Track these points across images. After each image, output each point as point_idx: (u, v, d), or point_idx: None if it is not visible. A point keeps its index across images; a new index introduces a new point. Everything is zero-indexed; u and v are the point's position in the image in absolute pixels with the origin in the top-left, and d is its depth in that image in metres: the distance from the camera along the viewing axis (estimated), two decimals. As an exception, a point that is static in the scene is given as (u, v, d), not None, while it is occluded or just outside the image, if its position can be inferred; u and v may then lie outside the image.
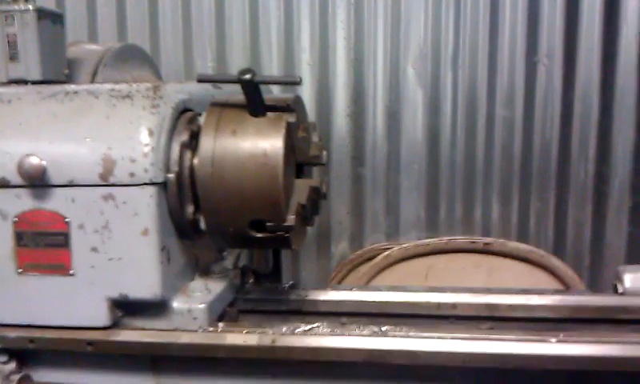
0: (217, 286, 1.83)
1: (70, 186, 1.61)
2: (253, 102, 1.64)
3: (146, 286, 1.63)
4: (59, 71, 2.00)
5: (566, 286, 3.00)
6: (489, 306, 1.96)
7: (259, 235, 1.66)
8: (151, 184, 1.59)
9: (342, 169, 3.49)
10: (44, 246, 1.64)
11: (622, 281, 1.95)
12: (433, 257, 3.11)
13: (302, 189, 1.73)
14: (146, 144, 1.59)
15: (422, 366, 1.61)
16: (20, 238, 1.66)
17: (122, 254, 1.62)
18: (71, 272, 1.65)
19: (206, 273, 1.90)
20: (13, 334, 1.71)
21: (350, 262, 3.41)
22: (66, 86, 1.80)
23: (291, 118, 1.65)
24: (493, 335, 1.69)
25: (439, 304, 1.97)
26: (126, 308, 1.70)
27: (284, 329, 1.74)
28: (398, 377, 1.67)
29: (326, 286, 2.41)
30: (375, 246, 3.44)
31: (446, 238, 3.19)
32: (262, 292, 2.07)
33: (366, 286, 2.99)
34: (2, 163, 1.64)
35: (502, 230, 3.44)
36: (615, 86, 3.30)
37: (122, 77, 2.19)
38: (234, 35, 3.46)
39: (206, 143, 1.63)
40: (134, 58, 2.35)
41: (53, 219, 1.63)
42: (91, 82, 2.08)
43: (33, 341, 1.70)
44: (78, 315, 1.68)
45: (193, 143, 1.68)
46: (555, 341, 1.60)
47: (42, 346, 1.71)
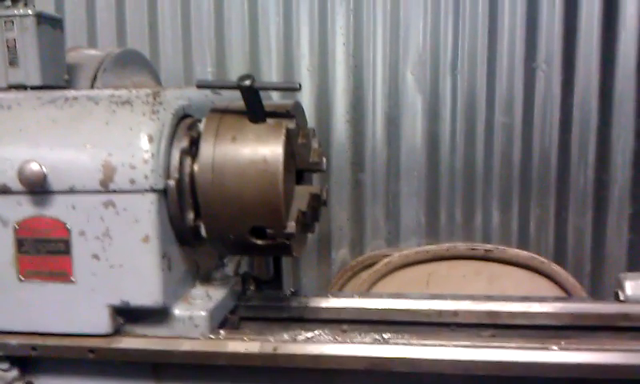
0: (218, 293, 1.83)
1: (71, 192, 1.61)
2: (252, 108, 1.64)
3: (147, 293, 1.63)
4: (59, 76, 2.00)
5: (567, 293, 2.99)
6: (490, 313, 1.96)
7: (259, 242, 1.66)
8: (151, 191, 1.58)
9: (342, 175, 3.49)
10: (45, 252, 1.64)
11: (623, 288, 1.94)
12: (433, 263, 3.11)
13: (302, 195, 1.73)
14: (146, 150, 1.59)
15: (424, 373, 1.61)
16: (21, 244, 1.65)
17: (122, 261, 1.62)
18: (72, 279, 1.64)
19: (206, 280, 1.89)
20: (15, 342, 1.70)
21: (351, 268, 3.41)
22: (66, 92, 1.79)
23: (291, 124, 1.65)
24: (494, 343, 1.68)
25: (440, 311, 1.97)
26: (128, 315, 1.69)
27: (285, 336, 1.73)
28: (399, 384, 1.67)
29: (327, 292, 2.41)
30: (376, 252, 3.45)
31: (447, 244, 3.19)
32: (263, 299, 2.07)
33: (367, 292, 2.98)
34: (2, 170, 1.63)
35: (503, 237, 3.45)
36: (614, 92, 3.31)
37: (121, 82, 2.19)
38: (233, 41, 3.47)
39: (206, 150, 1.63)
40: (133, 63, 2.35)
41: (53, 226, 1.62)
42: (91, 87, 2.08)
43: (35, 348, 1.69)
44: (79, 322, 1.67)
45: (193, 149, 1.68)
46: (556, 348, 1.59)
47: (44, 353, 1.70)
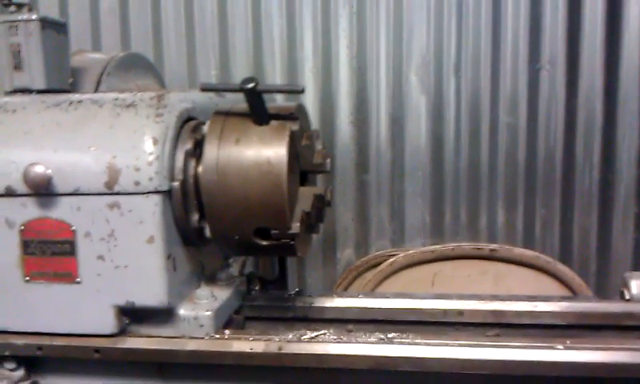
0: (223, 293, 1.83)
1: (76, 194, 1.62)
2: (256, 110, 1.64)
3: (152, 294, 1.64)
4: (63, 80, 2.01)
5: (573, 293, 2.99)
6: (495, 312, 1.95)
7: (264, 243, 1.66)
8: (156, 192, 1.59)
9: (347, 176, 3.49)
10: (50, 254, 1.65)
11: (628, 287, 1.94)
12: (439, 263, 3.11)
13: (306, 196, 1.74)
14: (151, 153, 1.60)
15: (429, 373, 1.61)
16: (26, 246, 1.66)
17: (128, 262, 1.62)
18: (78, 280, 1.65)
19: (211, 280, 1.90)
20: (21, 342, 1.71)
21: (356, 268, 3.41)
22: (71, 95, 1.81)
23: (295, 126, 1.66)
24: (499, 342, 1.68)
25: (445, 311, 1.97)
26: (133, 315, 1.70)
27: (290, 336, 1.74)
28: (404, 384, 1.67)
29: (332, 292, 2.41)
30: (380, 252, 3.45)
31: (452, 244, 3.18)
32: (268, 299, 2.07)
33: (372, 292, 2.98)
34: (7, 172, 1.64)
35: (508, 237, 3.44)
36: (618, 92, 3.30)
37: (125, 85, 2.20)
38: (237, 43, 3.47)
39: (210, 151, 1.64)
40: (137, 66, 2.36)
41: (59, 227, 1.63)
42: (95, 90, 2.09)
43: (41, 348, 1.70)
44: (84, 323, 1.68)
45: (197, 152, 1.69)
46: (562, 347, 1.59)
47: (50, 353, 1.71)
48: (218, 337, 1.70)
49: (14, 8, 1.94)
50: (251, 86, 1.60)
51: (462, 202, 3.46)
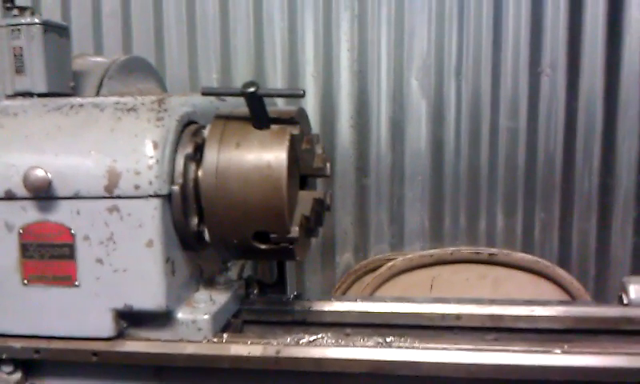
0: (221, 297, 1.83)
1: (75, 198, 1.62)
2: (256, 114, 1.65)
3: (150, 297, 1.64)
4: (65, 84, 2.02)
5: (572, 297, 2.98)
6: (493, 317, 1.95)
7: (263, 247, 1.66)
8: (156, 196, 1.60)
9: (346, 179, 3.50)
10: (49, 257, 1.65)
11: (627, 292, 1.94)
12: (437, 267, 3.11)
13: (305, 200, 1.74)
14: (151, 156, 1.60)
15: (427, 377, 1.61)
16: (25, 249, 1.66)
17: (126, 266, 1.63)
18: (76, 283, 1.65)
19: (210, 284, 1.90)
20: (18, 345, 1.71)
21: (355, 272, 3.41)
22: (72, 99, 1.81)
23: (295, 130, 1.66)
24: (497, 346, 1.68)
25: (444, 315, 1.97)
26: (131, 319, 1.70)
27: (288, 339, 1.74)
28: (402, 388, 1.67)
29: (330, 296, 2.41)
30: (379, 256, 3.45)
31: (451, 248, 3.18)
32: (267, 303, 2.07)
33: (371, 296, 2.98)
34: (7, 175, 1.65)
35: (507, 241, 3.44)
36: (619, 96, 3.31)
37: (127, 89, 2.20)
38: (238, 47, 3.48)
39: (210, 155, 1.64)
40: (139, 70, 2.37)
41: (58, 231, 1.64)
42: (96, 94, 2.09)
43: (38, 351, 1.70)
44: (83, 326, 1.68)
45: (197, 155, 1.69)
46: (560, 352, 1.60)
47: (48, 356, 1.71)
48: (216, 340, 1.70)
49: (16, 11, 1.95)
50: (252, 90, 1.60)
51: (461, 206, 3.46)
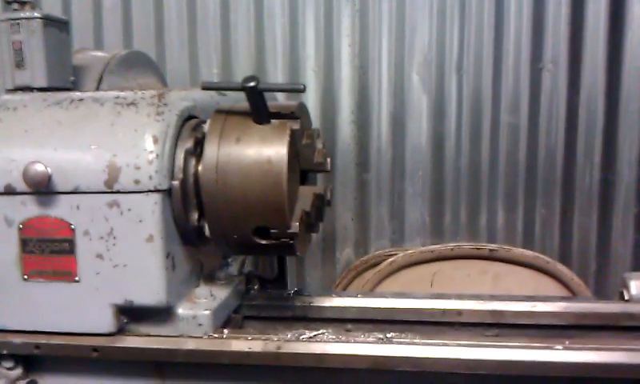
0: (222, 293, 1.83)
1: (75, 192, 1.62)
2: (257, 109, 1.64)
3: (151, 293, 1.64)
4: (65, 78, 2.01)
5: (572, 293, 2.99)
6: (494, 312, 1.96)
7: (263, 242, 1.66)
8: (156, 191, 1.59)
9: (347, 175, 3.49)
10: (49, 252, 1.65)
11: (628, 288, 1.94)
12: (438, 263, 3.11)
13: (306, 196, 1.74)
14: (151, 151, 1.60)
15: (427, 373, 1.61)
16: (25, 244, 1.66)
17: (127, 261, 1.63)
18: (76, 278, 1.65)
19: (210, 279, 1.90)
20: (18, 340, 1.71)
21: (355, 268, 3.41)
22: (72, 94, 1.81)
23: (295, 125, 1.66)
24: (498, 342, 1.68)
25: (444, 311, 1.97)
26: (131, 314, 1.70)
27: (289, 335, 1.74)
28: (402, 384, 1.67)
29: (330, 292, 2.41)
30: (380, 252, 3.45)
31: (452, 244, 3.18)
32: (267, 298, 2.08)
33: (371, 292, 2.98)
34: (7, 170, 1.65)
35: (508, 237, 3.44)
36: (620, 92, 3.30)
37: (127, 84, 2.20)
38: (239, 42, 3.47)
39: (211, 150, 1.64)
40: (139, 64, 2.36)
41: (58, 226, 1.63)
42: (96, 88, 2.09)
43: (38, 347, 1.70)
44: (83, 321, 1.68)
45: (197, 150, 1.69)
46: (561, 348, 1.59)
47: (48, 351, 1.71)
48: (216, 336, 1.70)
49: (16, 6, 1.94)
50: (252, 84, 1.60)
51: (462, 201, 3.46)
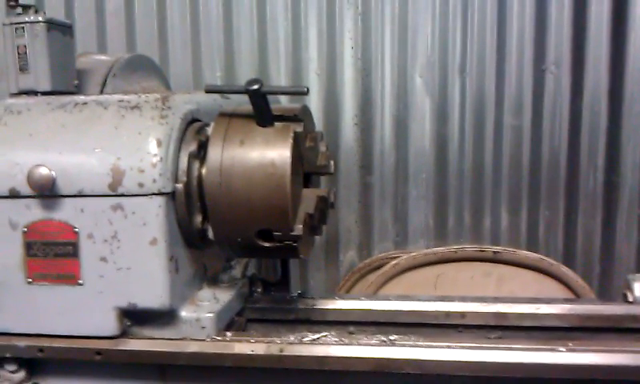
0: (225, 295, 1.84)
1: (79, 196, 1.62)
2: (260, 112, 1.65)
3: (154, 296, 1.64)
4: (69, 82, 2.02)
5: (576, 295, 2.98)
6: (498, 315, 1.95)
7: (267, 245, 1.66)
8: (160, 194, 1.60)
9: (350, 177, 3.49)
10: (53, 255, 1.65)
11: (632, 289, 1.94)
12: (442, 265, 3.10)
13: (309, 198, 1.74)
14: (155, 154, 1.60)
15: (431, 375, 1.61)
16: (29, 247, 1.67)
17: (130, 264, 1.63)
18: (80, 282, 1.66)
19: (214, 282, 1.90)
20: (22, 344, 1.72)
21: (359, 270, 3.40)
22: (76, 97, 1.81)
23: (299, 127, 1.66)
24: (502, 344, 1.68)
25: (448, 313, 1.97)
26: (135, 317, 1.71)
27: (292, 338, 1.74)
28: (406, 386, 1.67)
29: (334, 294, 2.41)
30: (383, 254, 3.44)
31: (455, 246, 3.18)
32: (270, 301, 2.08)
33: (375, 295, 2.98)
34: (11, 174, 1.65)
35: (512, 239, 3.43)
36: (624, 94, 3.29)
37: (131, 87, 2.20)
38: (242, 45, 3.48)
39: (214, 153, 1.64)
40: (142, 68, 2.37)
41: (62, 229, 1.64)
42: (100, 92, 2.09)
43: (42, 350, 1.71)
44: (86, 324, 1.68)
45: (201, 153, 1.69)
46: (564, 350, 1.59)
47: (51, 355, 1.71)
48: (219, 339, 1.71)
49: (20, 9, 1.95)
50: (255, 87, 1.60)
51: (465, 203, 3.46)
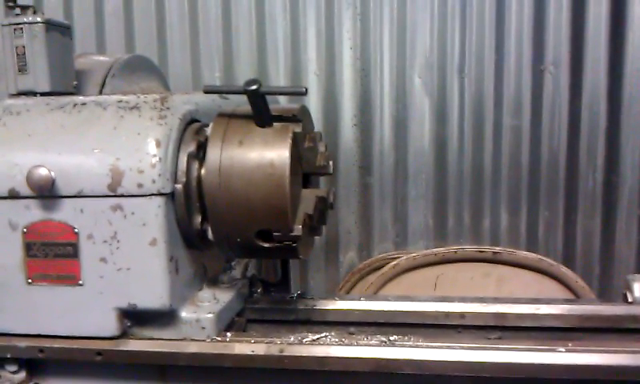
0: (225, 296, 1.83)
1: (79, 196, 1.62)
2: (259, 112, 1.65)
3: (154, 296, 1.64)
4: (67, 83, 2.02)
5: (576, 295, 2.98)
6: (497, 315, 1.95)
7: (266, 245, 1.66)
8: (159, 194, 1.60)
9: (350, 178, 3.50)
10: (53, 256, 1.65)
11: (631, 290, 1.94)
12: (441, 266, 3.10)
13: (308, 199, 1.74)
14: (154, 155, 1.60)
15: (430, 375, 1.61)
16: (29, 248, 1.66)
17: (130, 265, 1.63)
18: (80, 282, 1.66)
19: (214, 282, 1.90)
20: (22, 344, 1.72)
21: (358, 271, 3.40)
22: (75, 98, 1.81)
23: (297, 128, 1.66)
24: (501, 345, 1.68)
25: (448, 313, 1.97)
26: (135, 318, 1.71)
27: (292, 338, 1.74)
28: (406, 387, 1.67)
29: (334, 295, 2.41)
30: (383, 255, 3.44)
31: (455, 247, 3.18)
32: (270, 301, 2.07)
33: (375, 295, 2.98)
34: (11, 174, 1.65)
35: (511, 239, 3.44)
36: (622, 94, 3.30)
37: (130, 88, 2.20)
38: (241, 46, 3.48)
39: (213, 153, 1.64)
40: (141, 69, 2.36)
41: (62, 230, 1.64)
42: (99, 93, 2.09)
43: (42, 350, 1.71)
44: (87, 325, 1.68)
45: (200, 154, 1.69)
46: (564, 350, 1.59)
47: (52, 355, 1.71)
48: (219, 339, 1.71)
49: (18, 10, 1.94)
50: (254, 87, 1.60)
51: (465, 204, 3.46)
